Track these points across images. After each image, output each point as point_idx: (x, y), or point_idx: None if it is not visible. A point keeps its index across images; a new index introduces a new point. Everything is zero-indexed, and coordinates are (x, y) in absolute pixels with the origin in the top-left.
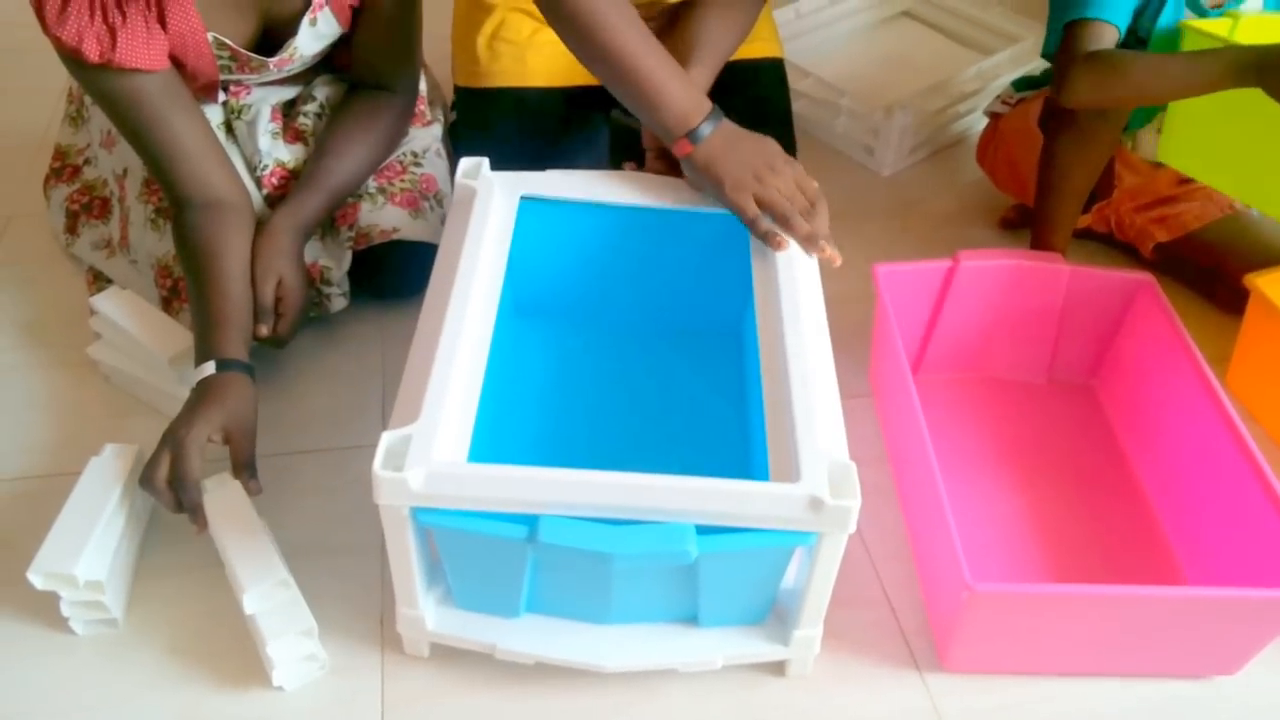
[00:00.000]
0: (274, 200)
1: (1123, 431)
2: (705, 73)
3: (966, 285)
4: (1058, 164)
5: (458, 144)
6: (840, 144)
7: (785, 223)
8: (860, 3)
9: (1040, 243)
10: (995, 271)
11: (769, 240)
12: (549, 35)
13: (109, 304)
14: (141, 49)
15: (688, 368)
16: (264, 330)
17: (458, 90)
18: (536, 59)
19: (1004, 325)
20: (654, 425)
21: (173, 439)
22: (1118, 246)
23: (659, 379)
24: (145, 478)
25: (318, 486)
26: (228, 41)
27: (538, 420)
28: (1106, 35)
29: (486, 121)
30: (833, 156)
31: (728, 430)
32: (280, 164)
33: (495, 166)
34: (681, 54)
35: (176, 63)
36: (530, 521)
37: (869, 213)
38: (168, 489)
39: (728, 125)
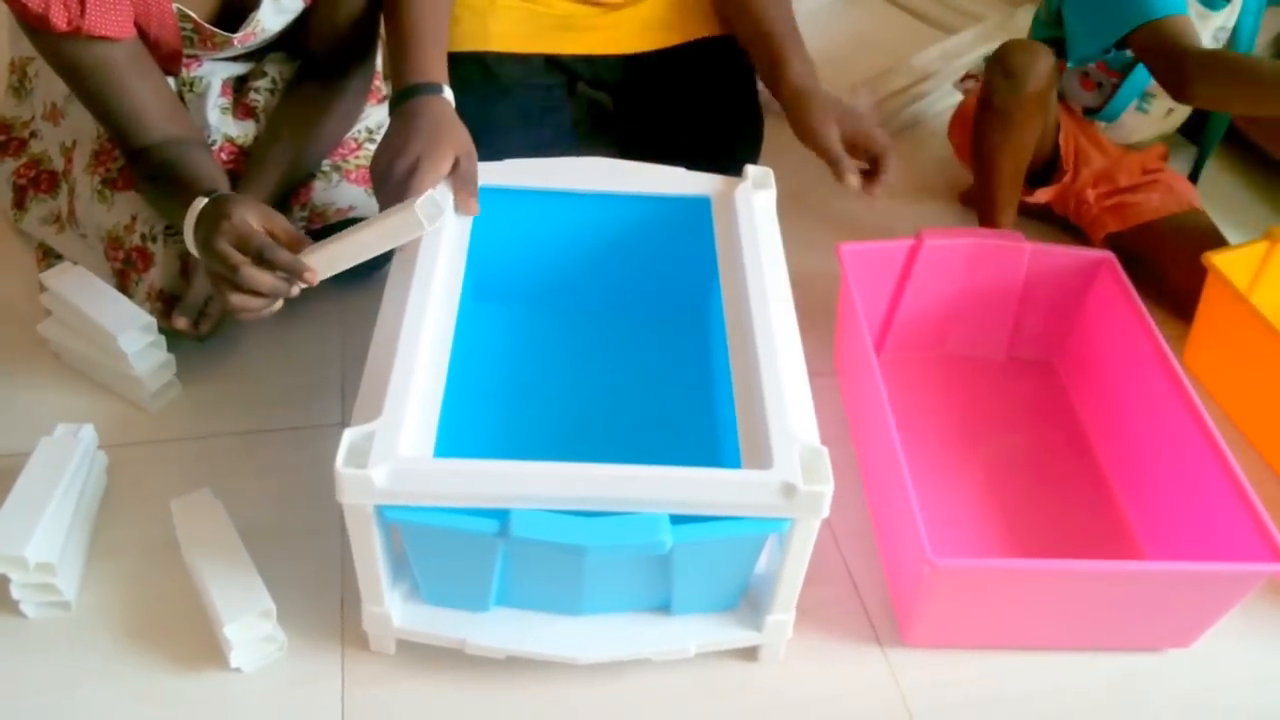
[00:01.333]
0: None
1: (1082, 408)
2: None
3: (929, 264)
4: (985, 148)
5: None
6: None
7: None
8: None
9: (984, 223)
10: (958, 250)
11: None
12: (518, 9)
13: (59, 280)
14: (110, 15)
15: (653, 353)
16: (183, 323)
17: None
18: (498, 24)
19: (966, 303)
20: (621, 411)
21: (223, 232)
22: (1073, 230)
23: (624, 364)
24: (226, 294)
25: (277, 466)
26: (191, 14)
27: (502, 409)
28: (1188, 28)
29: (457, 87)
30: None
31: (695, 415)
32: (229, 139)
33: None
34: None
35: (140, 31)
36: (501, 516)
37: (833, 191)
38: (261, 274)
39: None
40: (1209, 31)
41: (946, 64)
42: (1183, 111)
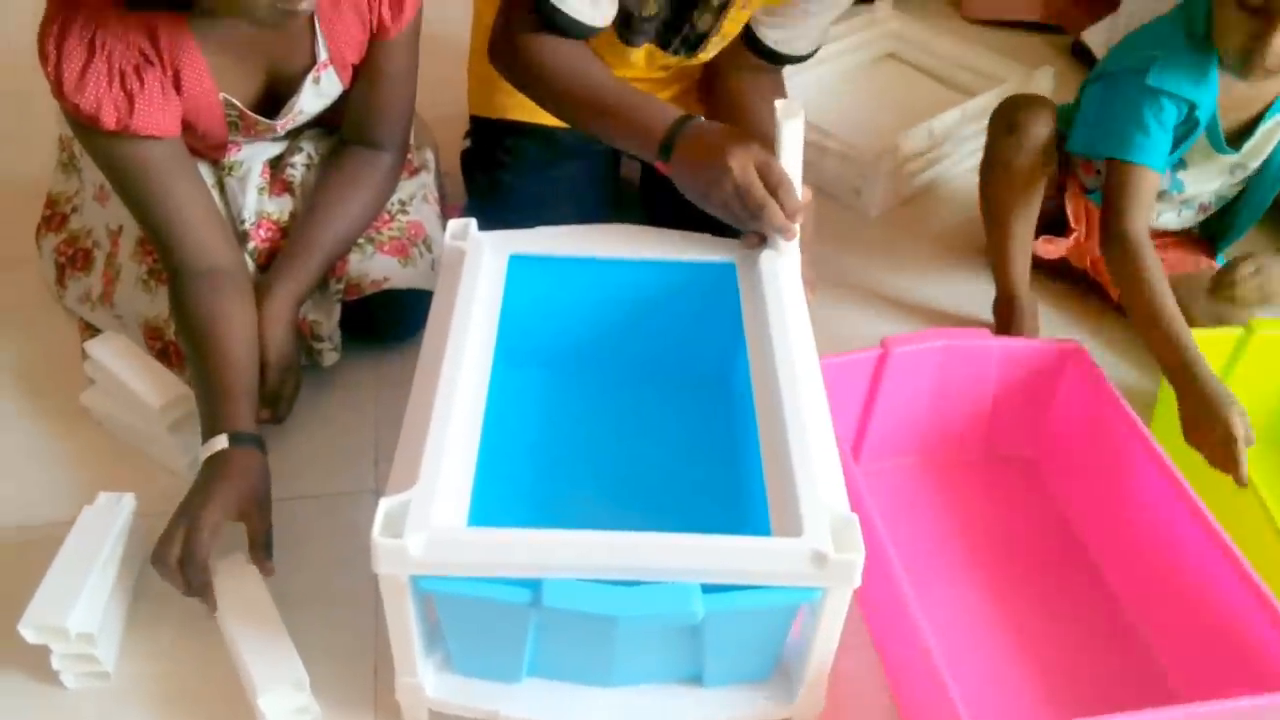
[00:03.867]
0: (261, 253)
1: (1071, 507)
2: None
3: (898, 370)
4: (993, 205)
5: (469, 174)
6: (829, 185)
7: (748, 224)
8: (846, 45)
9: (998, 278)
10: (925, 355)
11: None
12: None
13: (102, 349)
14: (158, 115)
15: (681, 417)
16: (265, 415)
17: (473, 119)
18: None
19: (940, 405)
20: (650, 476)
21: (186, 518)
22: (1090, 283)
23: (653, 429)
24: (156, 556)
25: (310, 533)
26: (236, 103)
27: (534, 474)
28: (1148, 181)
29: (500, 152)
30: (821, 198)
31: (723, 480)
32: (267, 216)
33: (506, 197)
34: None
35: (187, 125)
36: (533, 585)
37: (859, 254)
38: (179, 569)
39: (694, 129)
40: (1216, 168)
41: (965, 127)
42: (1189, 216)
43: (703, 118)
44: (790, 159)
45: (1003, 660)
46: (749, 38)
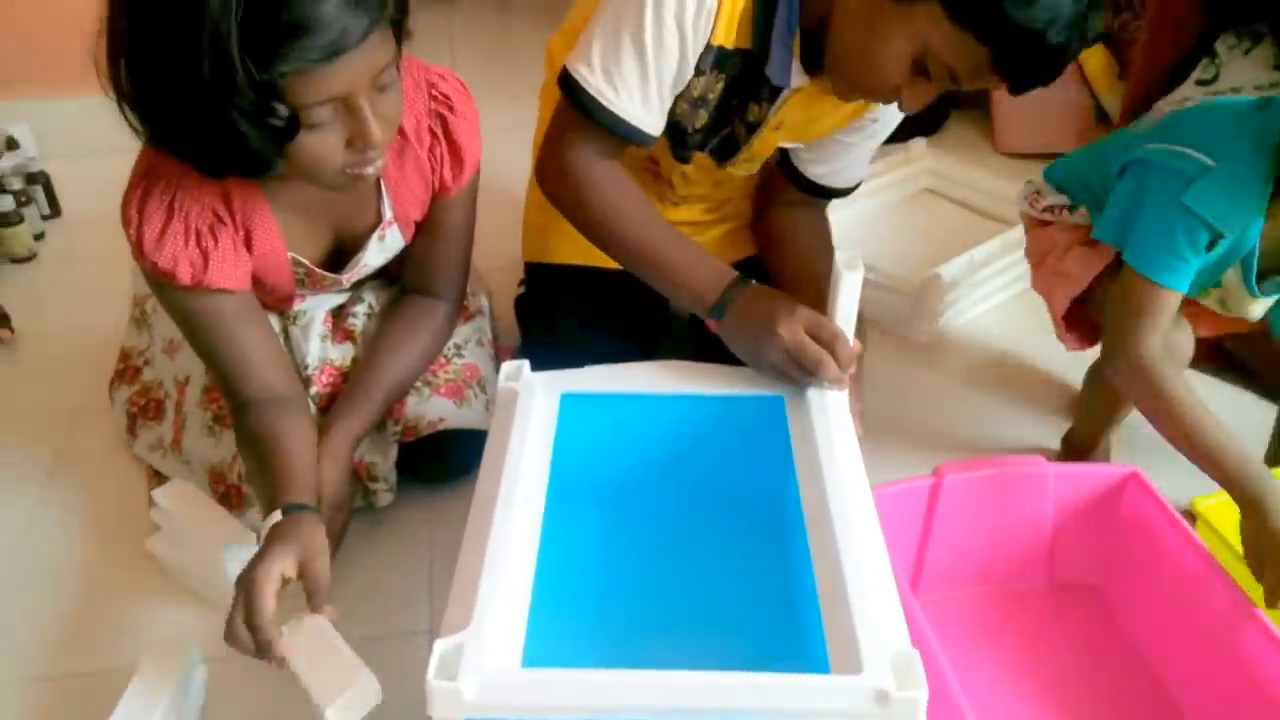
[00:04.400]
0: (323, 398)
1: (1139, 635)
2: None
3: (953, 499)
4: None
5: (524, 318)
6: (873, 316)
7: (803, 380)
8: (883, 182)
9: (1084, 424)
10: (980, 482)
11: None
12: None
13: (169, 496)
14: (230, 271)
15: (735, 550)
16: None
17: (527, 267)
18: None
19: (997, 534)
20: (704, 612)
21: (245, 579)
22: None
23: (706, 564)
24: (226, 630)
25: None
26: (304, 261)
27: (589, 611)
28: (1169, 301)
29: (553, 295)
30: (868, 328)
31: (779, 616)
32: (330, 363)
33: (558, 337)
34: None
35: (256, 280)
36: None
37: (906, 383)
38: (245, 631)
39: (744, 296)
40: (1261, 306)
41: (1005, 255)
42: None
43: (754, 281)
44: (847, 308)
45: None
46: (792, 173)
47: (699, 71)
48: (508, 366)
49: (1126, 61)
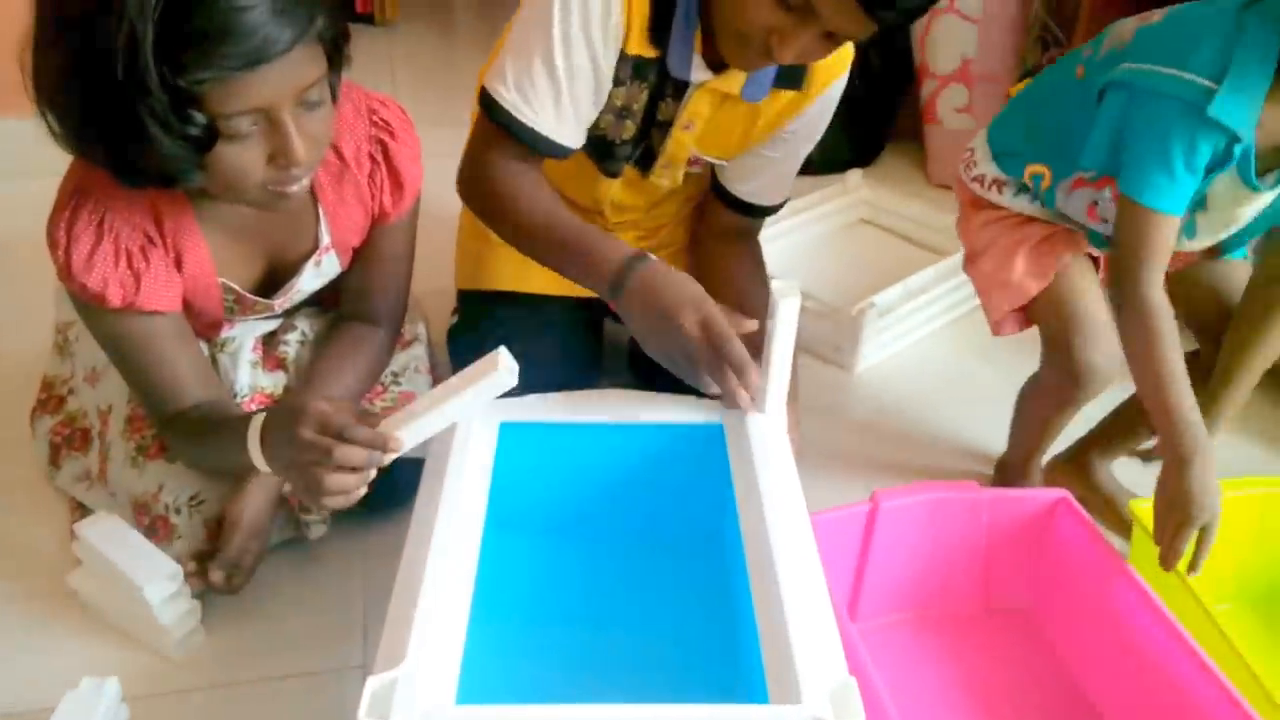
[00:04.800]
0: None
1: (1071, 657)
2: None
3: (889, 525)
4: (1037, 411)
5: (456, 346)
6: (810, 345)
7: (688, 375)
8: (820, 212)
9: (1019, 450)
10: (915, 508)
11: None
12: None
13: (92, 530)
14: (163, 292)
15: (673, 581)
16: (219, 577)
17: (460, 295)
18: (535, 267)
19: (933, 560)
20: (643, 641)
21: (300, 418)
22: None
23: (645, 593)
24: (318, 483)
25: (298, 713)
26: (234, 286)
27: (526, 644)
28: (1169, 229)
29: (486, 322)
30: (803, 357)
31: (717, 643)
32: (261, 390)
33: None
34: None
35: (185, 304)
36: None
37: (842, 411)
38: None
39: (646, 273)
40: (1253, 207)
41: (939, 284)
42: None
43: (656, 258)
44: (785, 336)
45: None
46: (720, 192)
47: (619, 82)
48: None
49: None
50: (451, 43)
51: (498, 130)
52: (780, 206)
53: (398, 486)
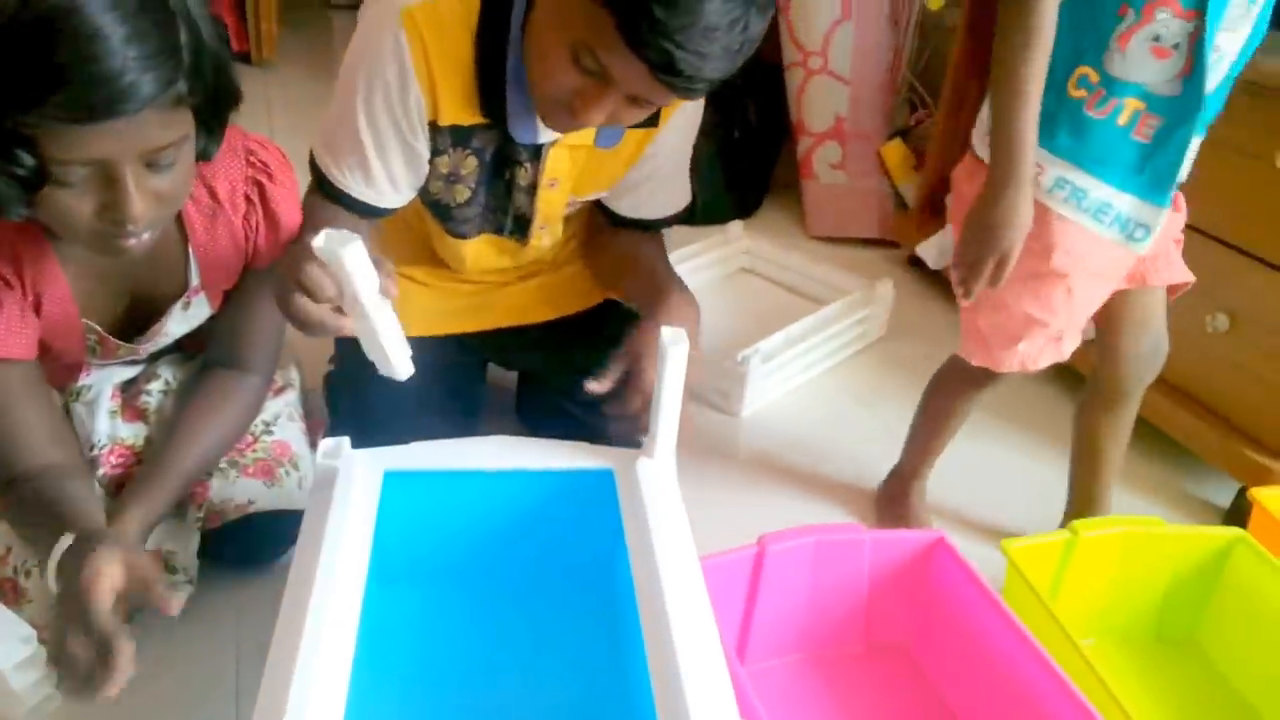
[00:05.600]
0: (113, 480)
1: (948, 693)
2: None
3: (776, 567)
4: (939, 402)
5: (334, 394)
6: (696, 390)
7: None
8: (702, 261)
9: (909, 459)
10: (800, 550)
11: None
12: (427, 292)
13: None
14: (15, 339)
15: (564, 627)
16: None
17: (337, 341)
18: (412, 308)
19: (818, 600)
20: (534, 690)
21: (66, 595)
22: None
23: (536, 640)
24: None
25: None
26: (98, 328)
27: (411, 699)
28: None
29: (365, 368)
30: (688, 403)
31: (608, 691)
32: (120, 442)
33: (373, 413)
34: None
35: (43, 346)
36: None
37: (730, 456)
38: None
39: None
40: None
41: (819, 332)
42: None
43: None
44: (673, 383)
45: None
46: (608, 214)
47: (439, 151)
48: (326, 444)
49: (922, 154)
50: (329, 84)
51: (318, 185)
52: (675, 217)
53: (272, 540)
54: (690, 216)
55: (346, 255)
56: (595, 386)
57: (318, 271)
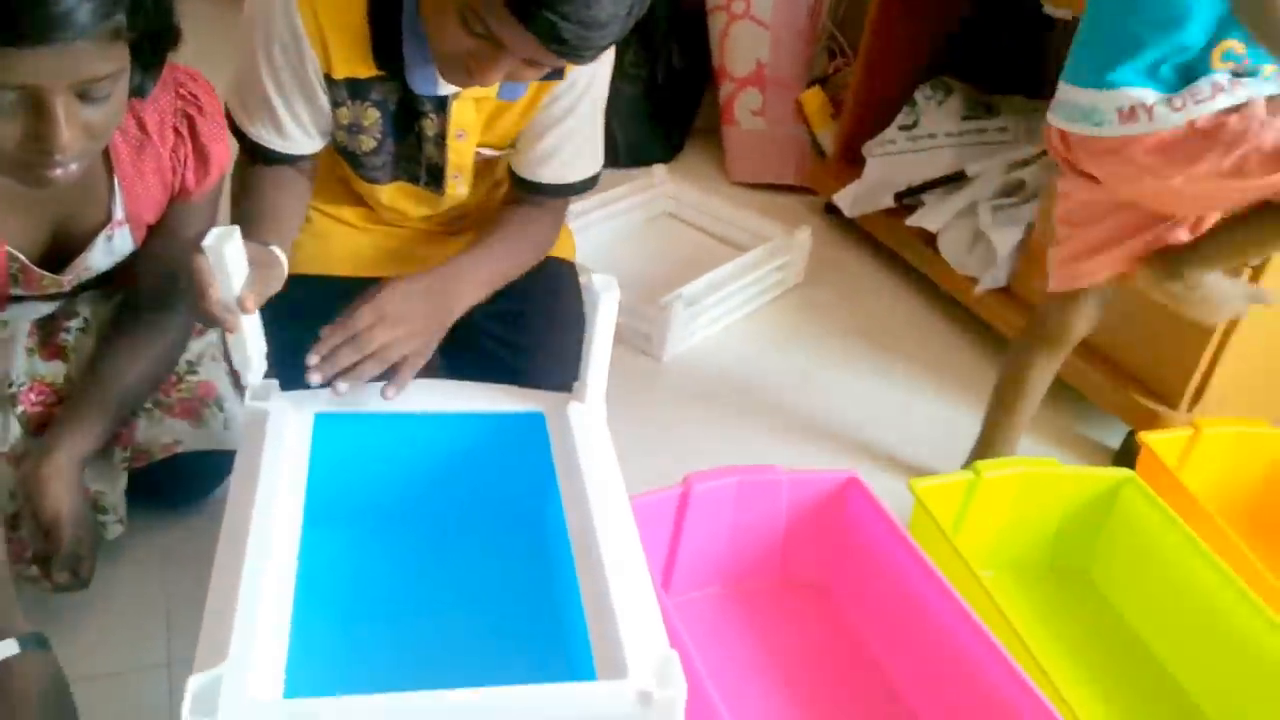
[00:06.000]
0: (33, 419)
1: (860, 628)
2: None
3: (700, 506)
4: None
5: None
6: (621, 334)
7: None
8: (626, 205)
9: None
10: (724, 490)
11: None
12: (355, 234)
13: None
14: None
15: (498, 566)
16: (65, 577)
17: None
18: (340, 248)
19: (738, 537)
20: (470, 628)
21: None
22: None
23: (471, 581)
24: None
25: (105, 714)
26: (20, 256)
27: (352, 636)
28: None
29: (284, 308)
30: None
31: (542, 624)
32: (40, 379)
33: (298, 353)
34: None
35: None
36: None
37: (653, 397)
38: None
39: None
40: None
41: (740, 278)
42: None
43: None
44: (605, 329)
45: None
46: (522, 182)
47: (337, 103)
48: (255, 386)
49: (840, 103)
50: (235, 10)
51: (239, 140)
52: (590, 182)
53: (199, 480)
54: (614, 158)
55: (225, 253)
56: (311, 358)
57: (204, 267)
